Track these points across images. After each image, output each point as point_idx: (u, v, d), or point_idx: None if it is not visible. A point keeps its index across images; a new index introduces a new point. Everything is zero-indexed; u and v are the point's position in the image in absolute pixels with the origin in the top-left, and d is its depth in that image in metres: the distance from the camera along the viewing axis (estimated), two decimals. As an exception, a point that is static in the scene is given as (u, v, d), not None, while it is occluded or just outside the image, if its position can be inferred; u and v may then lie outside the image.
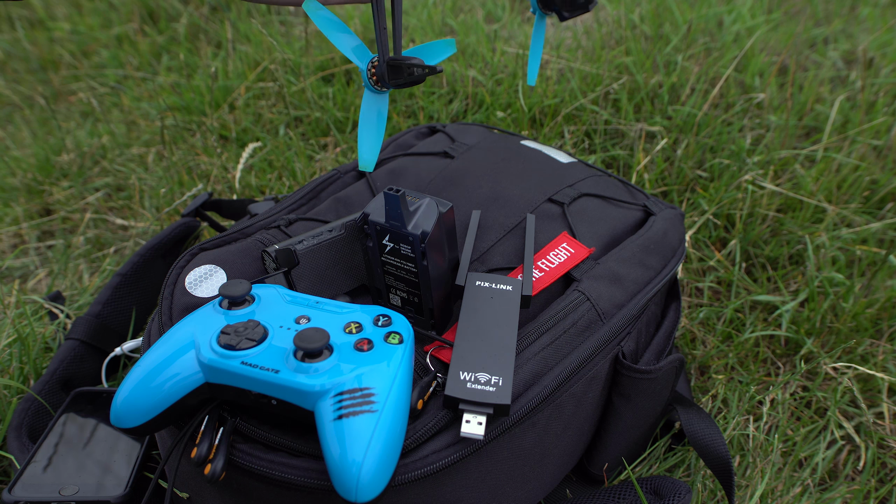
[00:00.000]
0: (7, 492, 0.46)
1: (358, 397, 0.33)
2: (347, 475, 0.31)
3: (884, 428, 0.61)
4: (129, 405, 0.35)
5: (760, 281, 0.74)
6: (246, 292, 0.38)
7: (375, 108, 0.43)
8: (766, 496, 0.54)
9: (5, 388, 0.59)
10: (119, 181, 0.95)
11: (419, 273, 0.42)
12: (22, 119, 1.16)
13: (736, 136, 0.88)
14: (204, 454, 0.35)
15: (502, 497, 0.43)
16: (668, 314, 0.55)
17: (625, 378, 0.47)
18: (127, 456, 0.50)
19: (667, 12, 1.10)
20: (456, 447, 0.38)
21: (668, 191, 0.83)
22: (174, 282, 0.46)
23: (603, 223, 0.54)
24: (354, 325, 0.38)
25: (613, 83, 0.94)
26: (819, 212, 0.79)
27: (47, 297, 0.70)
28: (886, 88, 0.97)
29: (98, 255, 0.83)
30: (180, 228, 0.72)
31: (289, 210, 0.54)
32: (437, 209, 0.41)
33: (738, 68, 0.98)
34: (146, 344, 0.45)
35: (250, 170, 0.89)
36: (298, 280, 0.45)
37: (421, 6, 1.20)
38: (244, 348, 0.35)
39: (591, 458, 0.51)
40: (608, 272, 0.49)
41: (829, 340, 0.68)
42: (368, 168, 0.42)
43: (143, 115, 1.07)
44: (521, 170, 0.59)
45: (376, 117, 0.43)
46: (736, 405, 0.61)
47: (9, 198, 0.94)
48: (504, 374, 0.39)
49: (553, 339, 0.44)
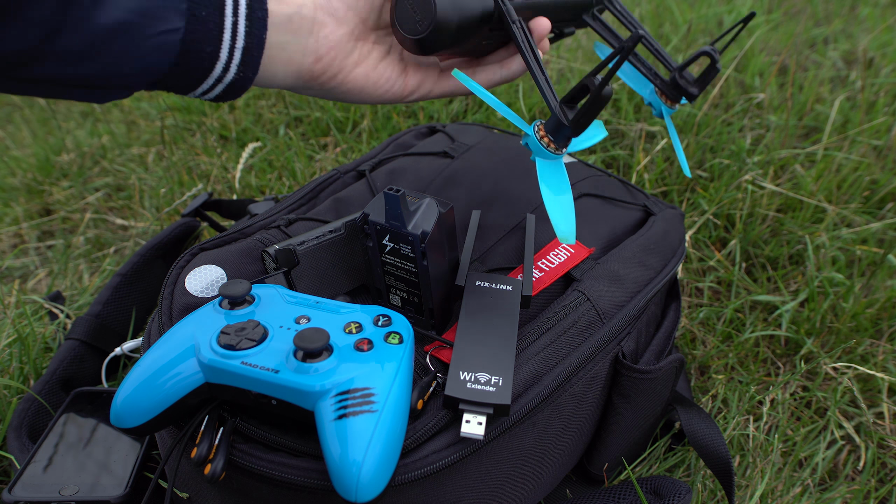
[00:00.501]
0: (7, 492, 0.46)
1: (358, 397, 0.33)
2: (347, 475, 0.31)
3: (884, 428, 0.61)
4: (129, 405, 0.35)
5: (760, 281, 0.74)
6: (246, 292, 0.38)
7: (555, 175, 0.41)
8: (766, 496, 0.54)
9: (5, 388, 0.59)
10: (119, 181, 0.95)
11: (419, 273, 0.42)
12: (22, 119, 1.16)
13: (736, 136, 0.88)
14: (204, 454, 0.35)
15: (502, 497, 0.43)
16: (668, 314, 0.55)
17: (625, 378, 0.47)
18: (127, 456, 0.50)
19: (667, 12, 1.10)
20: (456, 447, 0.38)
21: (668, 191, 0.83)
22: (174, 282, 0.46)
23: (603, 223, 0.54)
24: (354, 325, 0.38)
25: (613, 83, 0.94)
26: (819, 212, 0.79)
27: (47, 297, 0.70)
28: (886, 88, 0.97)
29: (98, 255, 0.83)
30: (180, 228, 0.72)
31: (289, 210, 0.54)
32: (437, 209, 0.41)
33: (738, 68, 0.98)
34: (146, 344, 0.45)
35: (250, 170, 0.89)
36: (298, 280, 0.45)
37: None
38: (244, 348, 0.35)
39: (591, 458, 0.51)
40: (608, 272, 0.49)
41: (829, 340, 0.68)
42: (570, 240, 0.39)
43: (143, 115, 1.07)
44: (521, 170, 0.59)
45: (558, 184, 0.41)
46: (736, 405, 0.61)
47: (9, 198, 0.94)
48: (504, 373, 0.39)
49: (553, 339, 0.44)
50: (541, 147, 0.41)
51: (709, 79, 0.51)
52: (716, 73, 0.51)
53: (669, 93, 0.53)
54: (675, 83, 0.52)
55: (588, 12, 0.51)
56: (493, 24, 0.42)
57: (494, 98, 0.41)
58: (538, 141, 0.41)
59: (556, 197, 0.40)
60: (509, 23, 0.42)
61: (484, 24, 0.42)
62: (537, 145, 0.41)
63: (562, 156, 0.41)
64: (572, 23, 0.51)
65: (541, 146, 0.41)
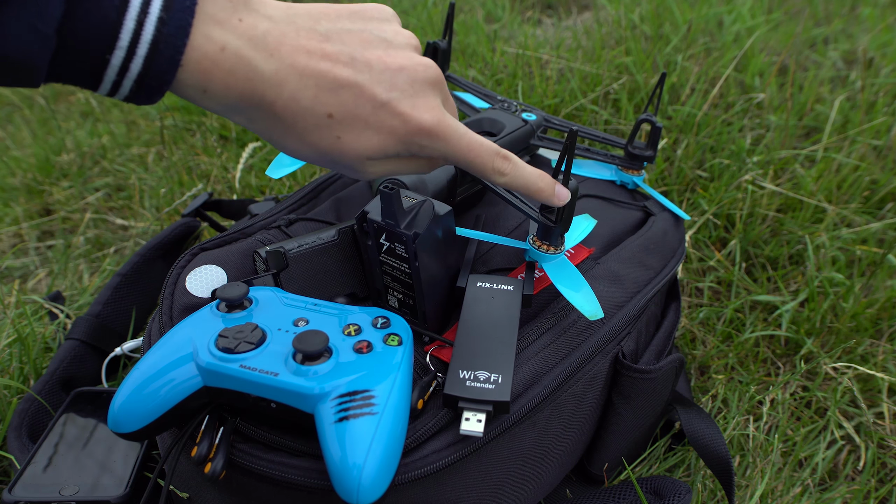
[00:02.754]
0: (7, 492, 0.46)
1: (358, 400, 0.33)
2: (349, 478, 0.31)
3: (884, 428, 0.61)
4: (126, 410, 0.35)
5: (760, 281, 0.74)
6: (243, 295, 0.38)
7: (563, 271, 0.44)
8: (766, 496, 0.54)
9: (5, 388, 0.59)
10: (119, 181, 0.95)
11: (412, 274, 0.42)
12: (22, 119, 1.16)
13: (736, 136, 0.88)
14: (204, 453, 0.35)
15: (502, 497, 0.43)
16: (668, 314, 0.55)
17: (625, 378, 0.47)
18: (127, 456, 0.50)
19: (667, 12, 1.10)
20: (456, 447, 0.38)
21: (668, 191, 0.83)
22: (174, 282, 0.46)
23: (603, 223, 0.54)
24: (353, 327, 0.38)
25: (613, 83, 0.94)
26: (819, 212, 0.79)
27: (47, 297, 0.70)
28: (886, 88, 0.96)
29: (98, 255, 0.83)
30: (180, 228, 0.72)
31: (289, 210, 0.54)
32: (433, 211, 0.41)
33: (738, 68, 0.98)
34: (146, 344, 0.45)
35: (250, 170, 0.89)
36: (288, 283, 0.44)
37: (421, 6, 1.19)
38: (243, 351, 0.35)
39: (591, 458, 0.51)
40: (608, 272, 0.49)
41: (829, 340, 0.68)
42: (600, 314, 0.42)
43: (143, 115, 1.07)
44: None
45: (569, 277, 0.44)
46: (736, 405, 0.61)
47: (9, 198, 0.94)
48: (503, 371, 0.39)
49: (553, 339, 0.44)
50: (541, 254, 0.44)
51: (657, 139, 0.57)
52: (659, 131, 0.56)
53: (630, 164, 0.59)
54: (631, 155, 0.58)
55: (533, 138, 0.58)
56: (462, 181, 0.50)
57: (491, 235, 0.46)
58: (537, 250, 0.44)
59: (573, 290, 0.43)
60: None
61: (454, 186, 0.49)
62: (537, 253, 0.44)
63: (562, 253, 0.45)
64: (524, 151, 0.58)
65: (541, 253, 0.44)
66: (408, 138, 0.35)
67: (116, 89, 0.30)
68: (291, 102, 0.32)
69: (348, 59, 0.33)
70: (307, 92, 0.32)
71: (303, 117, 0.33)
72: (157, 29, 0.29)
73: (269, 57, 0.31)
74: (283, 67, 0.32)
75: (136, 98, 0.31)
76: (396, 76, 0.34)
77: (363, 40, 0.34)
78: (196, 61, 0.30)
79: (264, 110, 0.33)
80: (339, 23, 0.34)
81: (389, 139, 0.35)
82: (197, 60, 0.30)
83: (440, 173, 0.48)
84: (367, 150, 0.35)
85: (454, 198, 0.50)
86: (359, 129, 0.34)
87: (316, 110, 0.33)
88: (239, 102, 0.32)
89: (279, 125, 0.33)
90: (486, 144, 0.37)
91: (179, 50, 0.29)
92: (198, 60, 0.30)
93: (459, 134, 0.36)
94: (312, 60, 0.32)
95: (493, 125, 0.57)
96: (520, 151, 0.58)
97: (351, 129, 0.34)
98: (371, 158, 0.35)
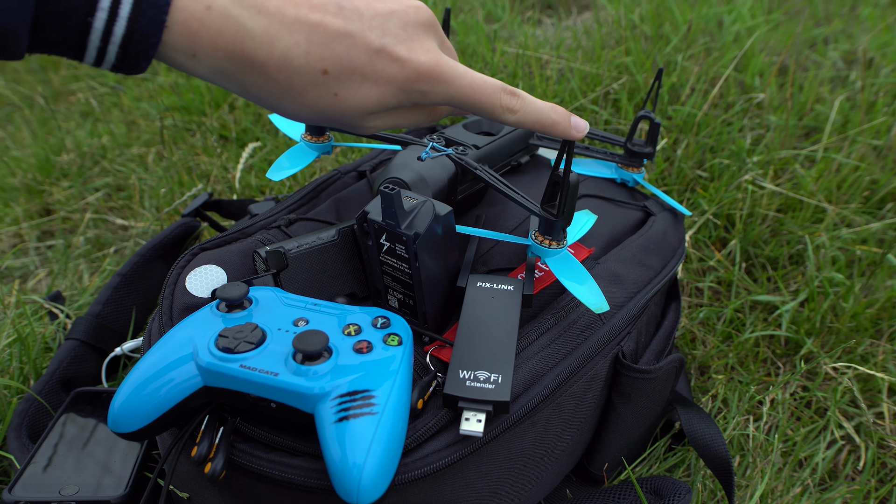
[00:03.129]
0: (7, 492, 0.46)
1: (358, 400, 0.33)
2: (349, 478, 0.31)
3: (884, 428, 0.61)
4: (126, 410, 0.35)
5: (760, 281, 0.74)
6: (243, 295, 0.38)
7: (566, 265, 0.44)
8: (766, 496, 0.54)
9: (5, 388, 0.59)
10: (119, 181, 0.95)
11: (412, 275, 0.42)
12: (22, 119, 1.16)
13: (736, 136, 0.88)
14: (204, 453, 0.35)
15: (502, 497, 0.43)
16: (668, 314, 0.55)
17: (625, 378, 0.47)
18: (127, 456, 0.50)
19: (667, 12, 1.10)
20: (456, 447, 0.38)
21: (668, 191, 0.83)
22: (175, 282, 0.46)
23: (603, 223, 0.54)
24: (353, 326, 0.38)
25: (613, 83, 0.94)
26: (819, 212, 0.79)
27: (47, 297, 0.70)
28: (886, 88, 0.96)
29: (98, 255, 0.83)
30: (180, 228, 0.72)
31: (289, 210, 0.54)
32: (433, 211, 0.41)
33: (738, 68, 0.98)
34: (146, 344, 0.45)
35: (250, 170, 0.89)
36: (288, 283, 0.44)
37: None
38: (243, 351, 0.35)
39: (591, 458, 0.51)
40: (608, 272, 0.49)
41: (829, 340, 0.68)
42: (606, 307, 0.42)
43: (143, 115, 1.07)
44: (521, 170, 0.59)
45: (573, 271, 0.44)
46: (736, 405, 0.61)
47: (9, 198, 0.94)
48: (503, 371, 0.39)
49: (553, 339, 0.44)
50: (543, 248, 0.44)
51: (656, 135, 0.57)
52: (658, 127, 0.56)
53: (630, 162, 0.59)
54: (631, 152, 0.58)
55: (532, 137, 0.59)
56: (463, 180, 0.50)
57: (492, 232, 0.46)
58: (539, 245, 0.44)
59: (577, 284, 0.43)
60: (472, 170, 0.48)
61: (454, 184, 0.49)
62: (540, 248, 0.44)
63: (564, 248, 0.44)
64: (524, 151, 0.59)
65: (543, 248, 0.44)
66: (407, 85, 0.34)
67: (102, 56, 0.29)
68: (284, 61, 0.31)
69: (336, 8, 0.32)
70: (299, 48, 0.31)
71: (298, 76, 0.32)
72: None
73: (256, 14, 0.31)
74: (271, 24, 0.31)
75: (122, 66, 0.30)
76: (388, 21, 0.33)
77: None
78: (182, 22, 0.29)
79: (257, 72, 0.32)
80: None
81: (388, 89, 0.34)
82: (183, 21, 0.29)
83: (441, 172, 0.48)
84: (367, 105, 0.34)
85: (455, 197, 0.50)
86: (356, 83, 0.33)
87: (310, 66, 0.32)
88: (230, 65, 0.31)
89: (274, 87, 0.32)
90: (491, 81, 0.36)
91: (163, 10, 0.28)
92: (184, 21, 0.29)
93: (460, 73, 0.35)
94: (301, 12, 0.32)
95: (492, 125, 0.57)
96: (519, 151, 0.58)
97: (348, 84, 0.33)
98: (371, 112, 0.34)
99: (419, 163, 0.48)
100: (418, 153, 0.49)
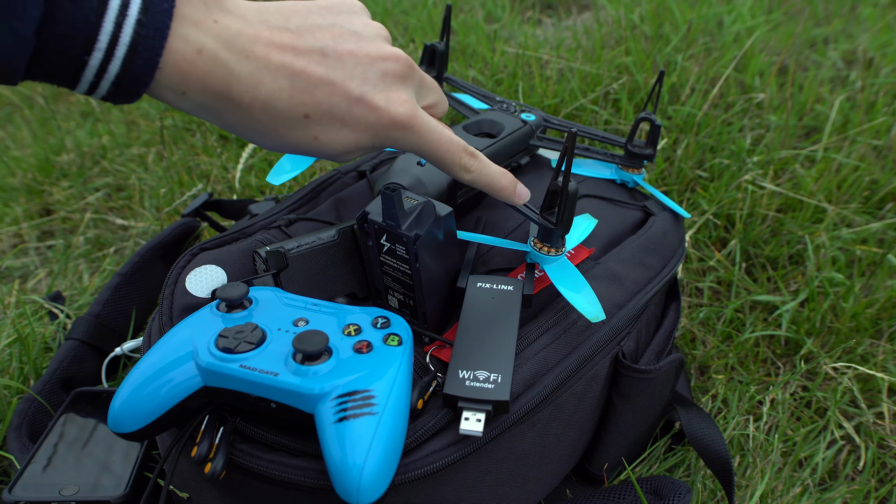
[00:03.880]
0: (7, 492, 0.46)
1: (358, 400, 0.33)
2: (349, 478, 0.31)
3: (884, 428, 0.61)
4: (126, 410, 0.35)
5: (760, 281, 0.74)
6: (243, 295, 0.38)
7: (564, 273, 0.44)
8: (766, 496, 0.54)
9: (5, 388, 0.59)
10: (119, 181, 0.95)
11: (412, 275, 0.42)
12: (22, 119, 1.16)
13: (736, 136, 0.88)
14: (204, 453, 0.35)
15: (502, 497, 0.43)
16: (668, 314, 0.55)
17: (625, 378, 0.47)
18: (127, 456, 0.50)
19: (667, 12, 1.10)
20: (456, 447, 0.38)
21: (668, 191, 0.83)
22: (175, 282, 0.46)
23: (603, 223, 0.54)
24: (353, 327, 0.38)
25: (613, 83, 0.94)
26: (819, 212, 0.79)
27: (47, 297, 0.70)
28: (886, 88, 0.96)
29: (98, 255, 0.83)
30: (180, 228, 0.72)
31: (289, 210, 0.54)
32: (434, 212, 0.41)
33: (738, 68, 0.98)
34: (146, 344, 0.45)
35: (250, 170, 0.89)
36: (288, 283, 0.44)
37: (421, 6, 1.20)
38: (243, 351, 0.35)
39: (591, 458, 0.51)
40: (608, 272, 0.49)
41: (829, 340, 0.68)
42: (602, 317, 0.42)
43: (143, 115, 1.07)
44: (521, 171, 0.59)
45: (571, 279, 0.44)
46: (736, 405, 0.61)
47: (9, 198, 0.94)
48: (503, 371, 0.39)
49: (553, 339, 0.44)
50: (542, 256, 0.44)
51: (656, 137, 0.57)
52: (658, 129, 0.56)
53: (630, 163, 0.59)
54: (631, 153, 0.58)
55: (532, 138, 0.58)
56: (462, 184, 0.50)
57: (491, 238, 0.46)
58: (538, 252, 0.44)
59: (574, 292, 0.43)
60: None
61: (454, 189, 0.49)
62: (539, 256, 0.45)
63: (563, 255, 0.45)
64: (523, 152, 0.58)
65: (542, 255, 0.44)
66: (382, 132, 0.36)
67: (94, 89, 0.30)
68: (268, 104, 0.33)
69: (320, 56, 0.34)
70: (283, 93, 0.33)
71: (280, 119, 0.34)
72: (136, 31, 0.29)
73: (244, 59, 0.32)
74: (257, 69, 0.32)
75: (113, 98, 0.31)
76: (368, 69, 0.35)
77: (334, 35, 0.35)
78: (174, 63, 0.30)
79: (242, 112, 0.33)
80: (309, 18, 0.35)
81: (364, 135, 0.36)
82: (175, 63, 0.30)
83: (440, 177, 0.48)
84: (344, 147, 0.36)
85: (454, 202, 0.50)
86: (335, 128, 0.35)
87: (293, 111, 0.34)
88: (216, 104, 0.32)
89: (258, 126, 0.34)
90: (456, 140, 0.38)
91: (157, 52, 0.30)
92: (175, 63, 0.30)
93: (431, 128, 0.37)
94: (286, 59, 0.33)
95: (493, 126, 0.57)
96: (519, 152, 0.58)
97: (328, 129, 0.35)
98: (347, 152, 0.36)
99: (419, 168, 0.48)
100: (418, 158, 0.49)
